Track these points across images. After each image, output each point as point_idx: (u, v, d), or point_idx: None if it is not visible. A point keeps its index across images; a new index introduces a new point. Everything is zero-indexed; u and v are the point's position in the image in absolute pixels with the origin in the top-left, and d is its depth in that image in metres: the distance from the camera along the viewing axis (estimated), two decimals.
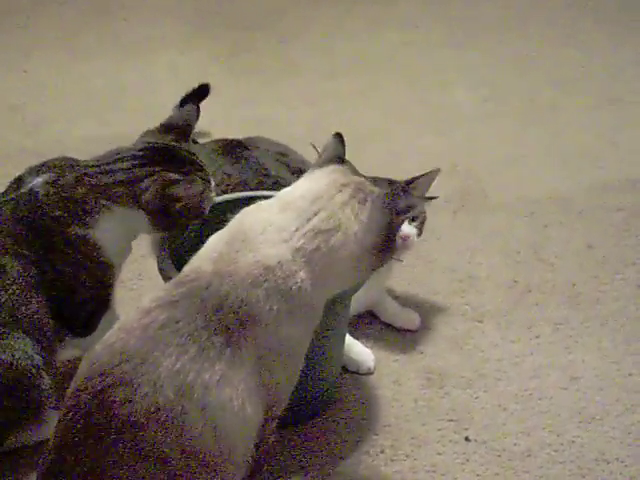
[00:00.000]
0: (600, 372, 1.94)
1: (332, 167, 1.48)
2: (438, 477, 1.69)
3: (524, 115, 3.08)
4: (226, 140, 2.35)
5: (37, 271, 1.66)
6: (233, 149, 2.25)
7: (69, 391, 1.28)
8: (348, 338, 1.90)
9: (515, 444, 1.76)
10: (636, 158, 2.79)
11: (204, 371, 1.25)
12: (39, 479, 1.27)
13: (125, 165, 1.71)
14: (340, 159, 1.51)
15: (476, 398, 1.87)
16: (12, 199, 1.72)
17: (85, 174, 1.71)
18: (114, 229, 1.71)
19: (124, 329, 1.29)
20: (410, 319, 2.06)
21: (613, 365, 1.96)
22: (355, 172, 1.51)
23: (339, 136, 1.54)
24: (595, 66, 3.44)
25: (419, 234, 1.97)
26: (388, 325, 2.06)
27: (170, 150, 1.75)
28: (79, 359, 1.49)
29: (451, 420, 1.81)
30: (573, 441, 1.77)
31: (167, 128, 1.80)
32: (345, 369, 1.91)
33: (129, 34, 3.69)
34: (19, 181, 1.75)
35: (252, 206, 1.46)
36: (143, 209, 1.70)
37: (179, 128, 1.80)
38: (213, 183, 1.79)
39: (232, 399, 1.27)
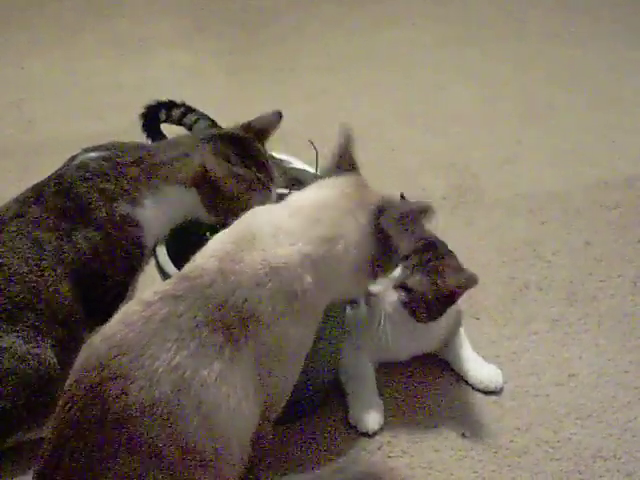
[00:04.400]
0: (597, 369, 1.94)
1: (343, 178, 1.49)
2: (435, 474, 1.68)
3: (522, 113, 3.08)
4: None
5: (72, 248, 1.64)
6: None
7: (66, 384, 1.27)
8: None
9: (512, 441, 1.76)
10: (633, 156, 2.80)
11: (202, 368, 1.25)
12: (36, 475, 1.27)
13: (188, 142, 1.73)
14: (352, 167, 1.53)
15: (473, 395, 1.87)
16: (60, 174, 1.71)
17: (148, 153, 1.72)
18: (159, 210, 1.70)
19: (124, 321, 1.28)
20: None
21: (610, 362, 1.96)
22: (363, 182, 1.52)
23: (349, 138, 1.54)
24: (593, 65, 3.44)
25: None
26: None
27: (241, 140, 1.76)
28: None
29: (448, 417, 1.81)
30: (570, 438, 1.77)
31: (246, 128, 1.82)
32: None
33: (127, 32, 3.69)
34: (71, 159, 1.74)
35: (261, 207, 1.47)
36: (194, 182, 1.69)
37: (257, 130, 1.82)
38: (274, 190, 1.78)
39: (229, 398, 1.26)
